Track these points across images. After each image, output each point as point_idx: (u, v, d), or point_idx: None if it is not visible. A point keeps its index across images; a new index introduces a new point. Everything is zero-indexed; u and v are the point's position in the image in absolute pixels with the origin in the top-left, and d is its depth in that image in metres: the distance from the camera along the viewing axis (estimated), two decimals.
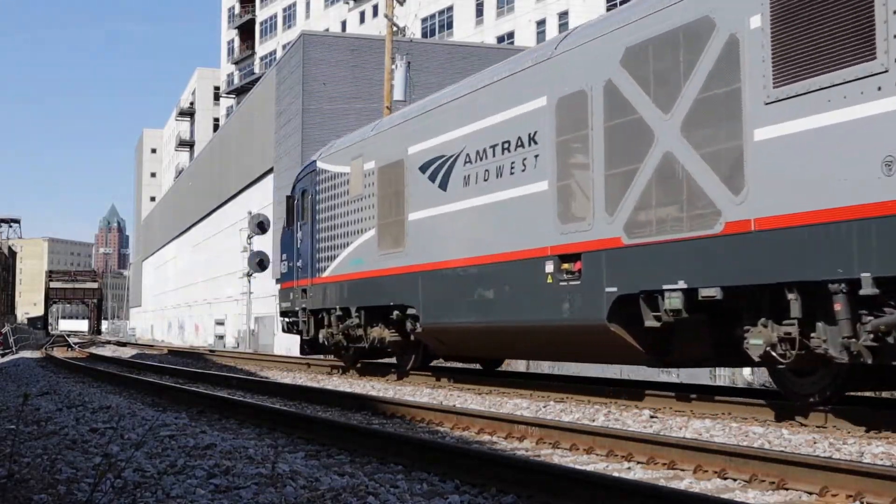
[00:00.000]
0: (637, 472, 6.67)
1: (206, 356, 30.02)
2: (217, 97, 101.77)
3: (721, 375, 18.13)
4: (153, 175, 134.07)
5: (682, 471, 6.61)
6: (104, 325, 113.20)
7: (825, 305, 8.01)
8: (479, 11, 63.29)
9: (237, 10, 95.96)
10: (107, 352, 37.75)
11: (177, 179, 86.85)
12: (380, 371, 17.30)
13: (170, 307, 74.34)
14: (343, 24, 76.44)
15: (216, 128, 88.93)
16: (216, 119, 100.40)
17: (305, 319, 18.43)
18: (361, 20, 73.97)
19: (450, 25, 65.27)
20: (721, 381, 17.81)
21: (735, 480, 6.23)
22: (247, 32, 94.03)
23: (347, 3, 76.02)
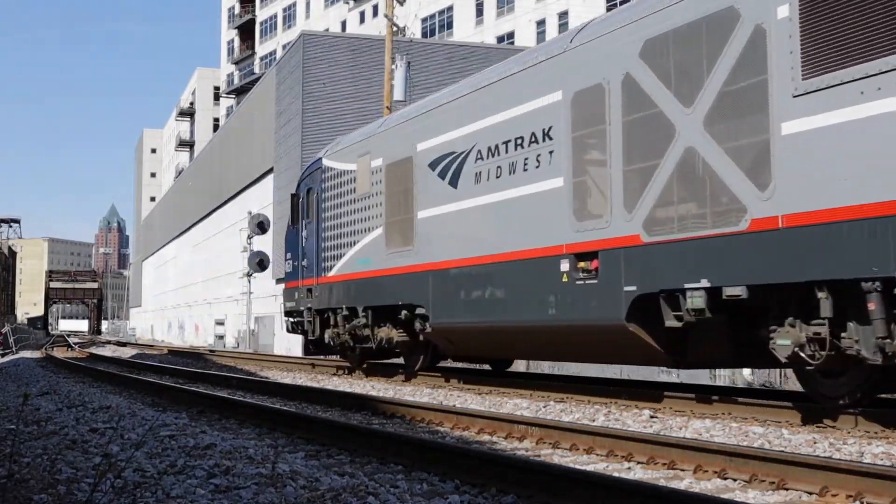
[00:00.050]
0: (637, 472, 6.69)
1: (206, 356, 30.00)
2: (217, 97, 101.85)
3: (721, 375, 18.09)
4: (153, 175, 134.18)
5: (682, 471, 6.63)
6: (104, 325, 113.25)
7: (857, 304, 7.79)
8: (479, 11, 63.34)
9: (237, 10, 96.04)
10: (107, 352, 37.74)
11: (177, 179, 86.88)
12: (387, 372, 17.12)
13: (170, 307, 74.36)
14: (343, 24, 76.49)
15: (216, 128, 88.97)
16: (216, 119, 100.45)
17: (311, 319, 18.13)
18: (361, 20, 74.01)
19: (450, 25, 65.30)
20: (721, 381, 17.79)
21: (735, 480, 6.25)
22: (247, 32, 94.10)
23: (347, 3, 76.06)
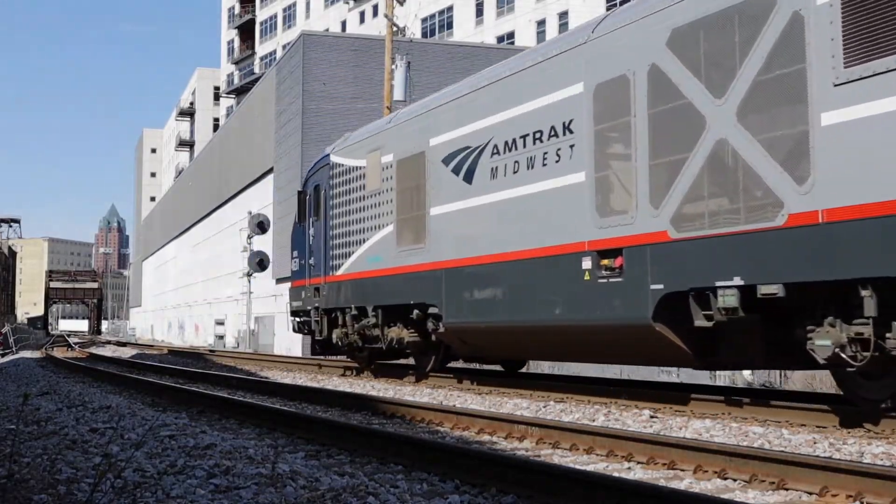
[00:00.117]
0: (637, 472, 6.67)
1: (206, 356, 30.01)
2: (217, 97, 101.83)
3: (721, 375, 18.07)
4: (153, 175, 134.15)
5: (682, 471, 6.61)
6: (104, 325, 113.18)
7: None
8: (479, 11, 63.34)
9: (237, 10, 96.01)
10: (107, 352, 37.74)
11: (177, 179, 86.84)
12: (396, 373, 16.75)
13: (170, 307, 74.34)
14: (343, 24, 76.48)
15: (216, 128, 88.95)
16: (216, 119, 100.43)
17: (318, 319, 17.77)
18: (361, 20, 74.01)
19: (450, 25, 65.30)
20: (721, 381, 17.78)
21: (735, 480, 6.23)
22: (247, 32, 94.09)
23: (347, 3, 76.06)
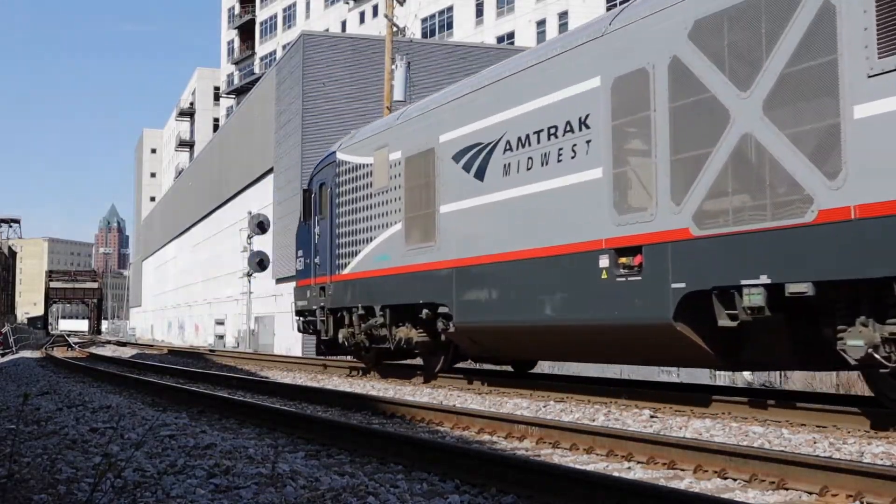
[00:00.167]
0: (637, 472, 6.68)
1: (206, 356, 30.02)
2: (217, 97, 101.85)
3: (721, 375, 18.07)
4: (153, 175, 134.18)
5: (682, 471, 6.62)
6: (104, 325, 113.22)
7: None
8: (479, 11, 63.36)
9: (237, 11, 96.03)
10: (107, 352, 37.75)
11: (177, 179, 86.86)
12: (403, 373, 16.53)
13: (170, 307, 74.35)
14: (343, 25, 76.50)
15: (216, 128, 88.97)
16: (216, 119, 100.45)
17: (324, 319, 17.49)
18: (361, 20, 74.03)
19: (450, 25, 65.31)
20: (721, 381, 17.78)
21: (735, 480, 6.24)
22: (247, 33, 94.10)
23: (347, 4, 76.07)
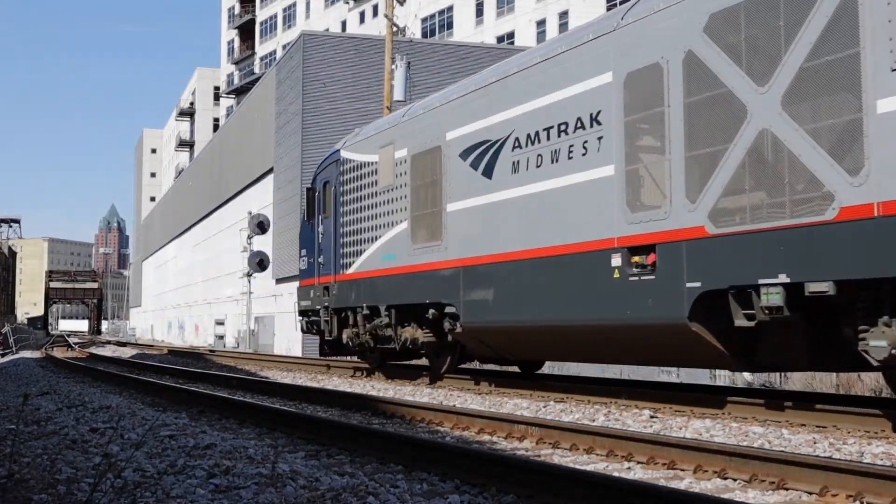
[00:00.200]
0: (637, 472, 6.68)
1: (206, 356, 30.02)
2: (217, 97, 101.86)
3: (721, 375, 18.07)
4: (153, 175, 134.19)
5: (682, 471, 6.62)
6: (104, 325, 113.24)
7: None
8: (479, 11, 63.36)
9: (237, 10, 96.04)
10: (107, 352, 37.75)
11: (177, 179, 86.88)
12: (408, 374, 16.34)
13: (170, 307, 74.37)
14: (343, 24, 76.51)
15: (216, 128, 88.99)
16: (216, 119, 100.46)
17: (328, 319, 17.35)
18: (361, 20, 74.04)
19: (450, 25, 65.31)
20: (721, 381, 17.78)
21: (735, 480, 6.24)
22: (247, 32, 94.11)
23: (347, 3, 76.08)
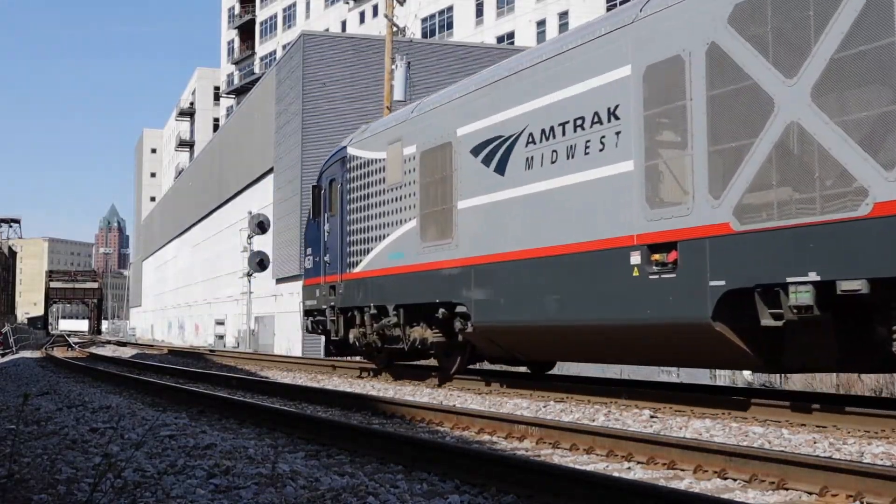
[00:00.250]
0: (637, 472, 6.68)
1: (206, 356, 30.02)
2: (217, 97, 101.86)
3: (721, 375, 18.09)
4: (153, 175, 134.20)
5: (682, 471, 6.63)
6: (104, 325, 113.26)
7: None
8: (479, 11, 63.36)
9: (237, 10, 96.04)
10: (107, 352, 37.76)
11: (177, 179, 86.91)
12: (416, 374, 16.13)
13: (170, 307, 74.39)
14: (343, 24, 76.51)
15: (216, 128, 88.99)
16: (216, 119, 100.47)
17: (334, 318, 17.08)
18: (361, 20, 74.03)
19: (450, 25, 65.31)
20: (721, 381, 17.80)
21: (735, 480, 6.24)
22: (247, 32, 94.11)
23: (347, 3, 76.08)
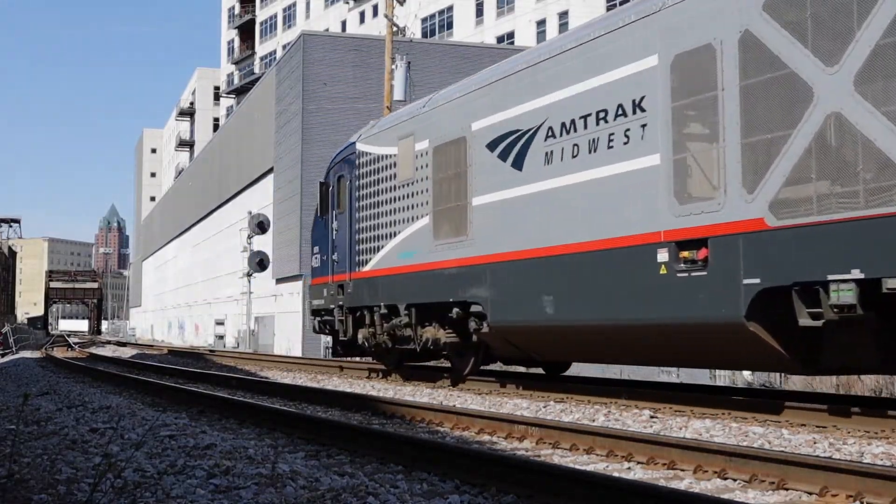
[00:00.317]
0: (637, 472, 6.69)
1: (206, 356, 30.02)
2: (217, 97, 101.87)
3: (721, 375, 18.09)
4: (153, 175, 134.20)
5: (682, 471, 6.63)
6: (104, 325, 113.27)
7: None
8: (479, 11, 63.35)
9: (237, 10, 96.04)
10: (107, 352, 37.76)
11: (177, 179, 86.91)
12: (428, 375, 15.77)
13: (170, 307, 74.39)
14: (343, 24, 76.51)
15: (216, 128, 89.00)
16: (216, 119, 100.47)
17: (342, 318, 16.74)
18: (361, 20, 74.03)
19: (450, 25, 65.30)
20: (721, 381, 17.81)
21: (735, 480, 6.25)
22: (247, 32, 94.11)
23: (347, 3, 76.07)
